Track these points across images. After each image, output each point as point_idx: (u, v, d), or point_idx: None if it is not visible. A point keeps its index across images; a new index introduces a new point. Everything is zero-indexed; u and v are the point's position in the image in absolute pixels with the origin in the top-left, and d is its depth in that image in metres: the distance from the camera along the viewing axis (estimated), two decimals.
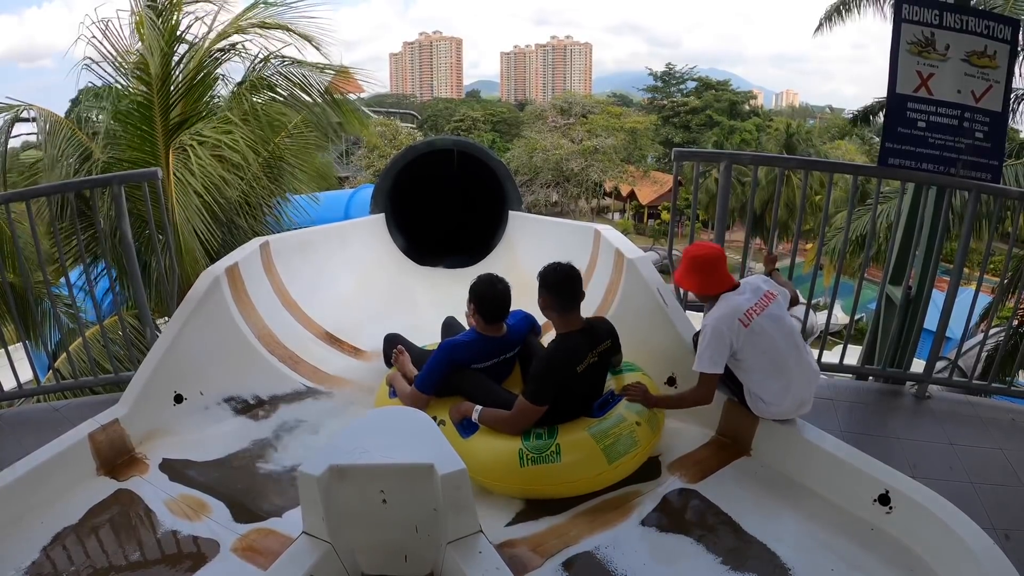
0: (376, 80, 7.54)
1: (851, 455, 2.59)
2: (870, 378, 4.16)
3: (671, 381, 3.29)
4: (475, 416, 2.89)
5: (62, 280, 4.72)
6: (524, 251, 6.27)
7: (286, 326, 4.21)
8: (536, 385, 2.78)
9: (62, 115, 6.84)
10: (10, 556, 2.40)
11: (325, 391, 3.75)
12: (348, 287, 5.26)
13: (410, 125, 45.76)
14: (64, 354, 4.95)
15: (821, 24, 13.42)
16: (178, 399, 3.35)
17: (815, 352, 3.56)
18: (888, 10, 11.24)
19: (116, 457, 2.96)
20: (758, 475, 2.79)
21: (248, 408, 3.51)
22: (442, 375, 3.09)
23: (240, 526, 2.61)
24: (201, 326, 3.50)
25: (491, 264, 6.50)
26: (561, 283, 2.95)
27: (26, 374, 4.15)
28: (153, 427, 3.18)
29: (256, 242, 4.46)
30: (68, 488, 2.73)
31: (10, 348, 4.19)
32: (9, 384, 3.99)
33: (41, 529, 2.54)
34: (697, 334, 3.02)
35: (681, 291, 4.01)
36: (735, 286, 2.88)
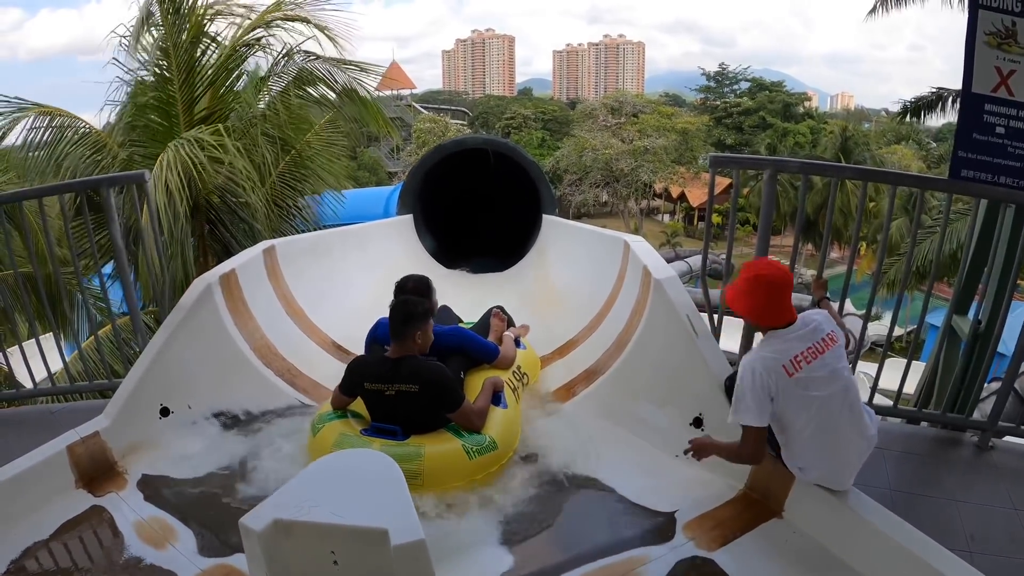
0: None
1: (901, 532, 2.19)
2: (923, 422, 3.70)
3: (697, 422, 2.93)
4: None
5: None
6: (555, 259, 5.99)
7: (288, 336, 4.02)
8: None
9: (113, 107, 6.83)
10: None
11: (321, 407, 3.50)
12: (364, 293, 4.99)
13: (461, 122, 45.94)
14: (75, 354, 4.86)
15: (876, 7, 12.49)
16: (164, 412, 3.24)
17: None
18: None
19: (96, 470, 2.90)
20: (789, 544, 2.42)
21: (237, 424, 3.35)
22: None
23: (203, 560, 2.48)
24: (191, 336, 3.36)
25: (522, 271, 6.25)
26: (391, 311, 3.08)
27: (41, 371, 4.10)
28: (137, 440, 3.08)
29: (259, 247, 4.26)
30: (45, 500, 2.67)
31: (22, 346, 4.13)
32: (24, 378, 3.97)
33: (12, 541, 2.47)
34: (731, 377, 2.69)
35: (715, 319, 3.62)
36: (791, 321, 2.48)
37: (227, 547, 2.50)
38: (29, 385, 4.02)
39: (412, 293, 3.44)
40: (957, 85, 3.23)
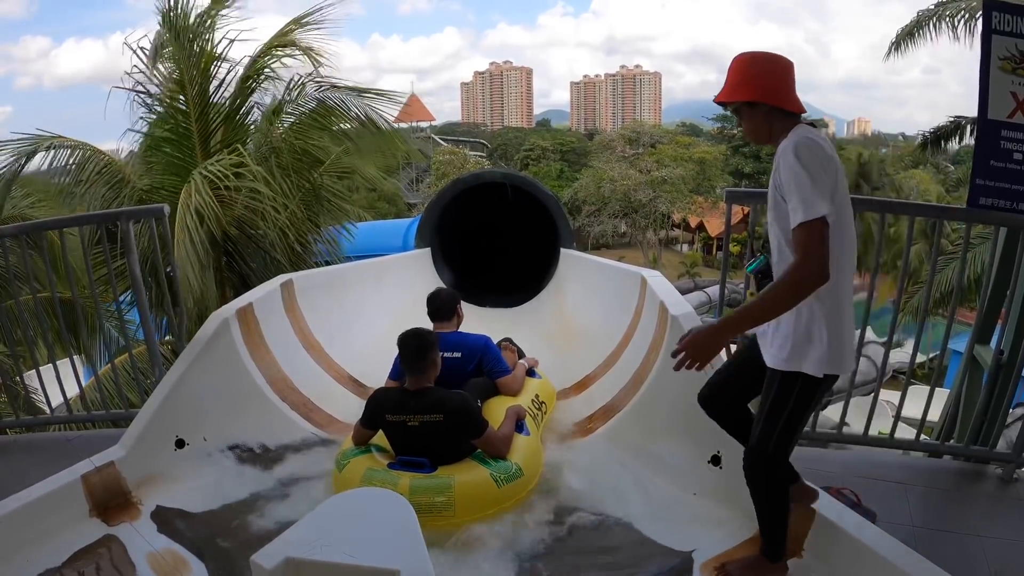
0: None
1: (924, 571, 2.09)
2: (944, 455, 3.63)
3: (715, 460, 2.86)
4: None
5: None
6: (572, 294, 5.99)
7: (304, 370, 4.03)
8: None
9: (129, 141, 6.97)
10: None
11: (337, 442, 3.49)
12: (382, 327, 4.98)
13: (479, 154, 46.39)
14: (92, 380, 4.91)
15: (891, 49, 12.53)
16: (179, 444, 3.23)
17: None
18: (962, 32, 10.44)
19: (110, 500, 2.89)
20: None
21: (253, 457, 3.34)
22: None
23: None
24: (207, 369, 3.36)
25: (539, 306, 6.25)
26: (401, 345, 3.12)
27: (58, 397, 4.12)
28: (152, 471, 3.08)
29: (276, 280, 4.28)
30: (58, 528, 2.66)
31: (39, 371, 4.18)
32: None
33: (24, 569, 2.46)
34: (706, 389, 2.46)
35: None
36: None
37: None
38: (46, 409, 4.06)
39: (444, 302, 3.79)
40: (973, 107, 3.20)
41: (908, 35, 11.79)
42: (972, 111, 3.23)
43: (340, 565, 1.73)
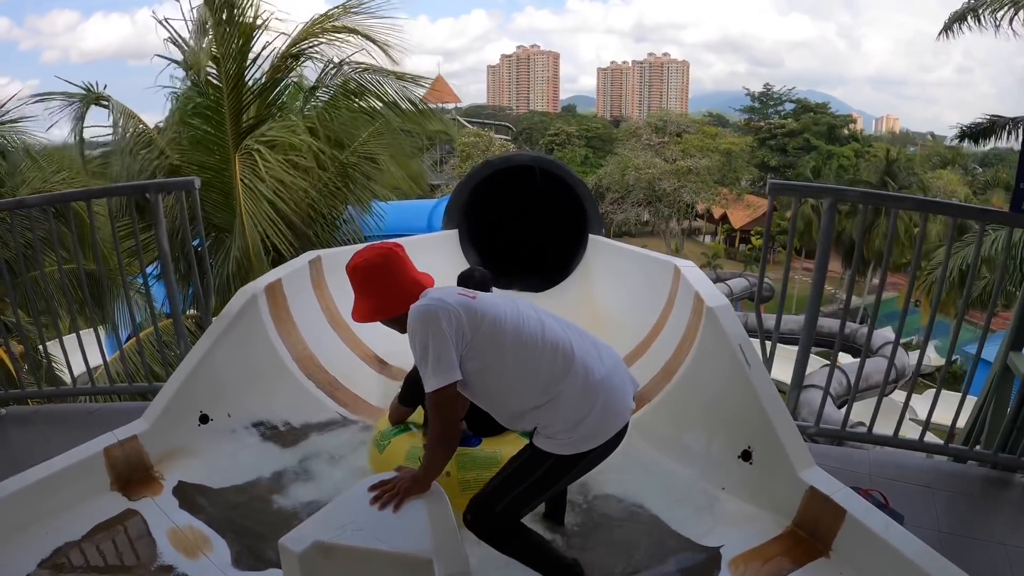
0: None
1: None
2: (969, 460, 3.53)
3: (746, 455, 2.78)
4: None
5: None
6: (600, 281, 5.89)
7: (331, 347, 3.98)
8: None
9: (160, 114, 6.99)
10: (7, 565, 2.31)
11: (361, 421, 3.48)
12: None
13: (504, 137, 46.16)
14: (117, 353, 4.91)
15: (946, 27, 12.17)
16: (203, 419, 3.20)
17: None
18: (1005, 27, 10.13)
19: (131, 473, 2.86)
20: None
21: (276, 435, 3.31)
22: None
23: (237, 573, 2.42)
24: (234, 345, 3.32)
25: (565, 292, 6.16)
26: None
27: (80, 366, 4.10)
28: (175, 446, 3.05)
29: (305, 257, 4.24)
30: (79, 500, 2.65)
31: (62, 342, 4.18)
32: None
33: (43, 540, 2.45)
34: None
35: (767, 347, 3.49)
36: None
37: (261, 561, 2.44)
38: (68, 381, 4.05)
39: (478, 284, 3.50)
40: (1004, 108, 3.08)
41: (959, 19, 11.48)
42: (1002, 112, 3.11)
43: (371, 550, 1.68)
